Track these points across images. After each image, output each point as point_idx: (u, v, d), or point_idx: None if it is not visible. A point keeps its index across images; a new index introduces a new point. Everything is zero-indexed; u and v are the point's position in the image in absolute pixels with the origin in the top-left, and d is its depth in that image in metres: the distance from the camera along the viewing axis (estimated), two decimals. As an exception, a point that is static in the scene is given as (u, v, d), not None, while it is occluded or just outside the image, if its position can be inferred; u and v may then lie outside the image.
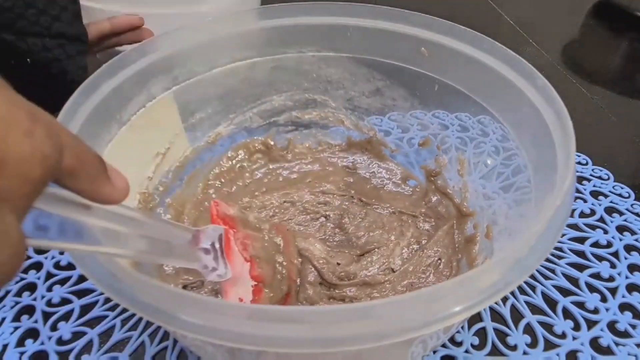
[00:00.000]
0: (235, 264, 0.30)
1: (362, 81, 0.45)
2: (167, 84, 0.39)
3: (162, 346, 0.33)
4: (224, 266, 0.29)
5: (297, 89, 0.46)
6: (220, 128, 0.45)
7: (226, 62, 0.42)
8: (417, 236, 0.40)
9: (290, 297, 0.34)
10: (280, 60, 0.44)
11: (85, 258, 0.23)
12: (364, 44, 0.42)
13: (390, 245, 0.39)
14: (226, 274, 0.29)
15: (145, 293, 0.21)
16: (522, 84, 0.33)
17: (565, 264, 0.39)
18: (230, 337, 0.20)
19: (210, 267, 0.28)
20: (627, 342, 0.34)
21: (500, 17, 0.78)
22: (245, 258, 0.31)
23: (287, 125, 0.48)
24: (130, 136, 0.36)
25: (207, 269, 0.28)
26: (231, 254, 0.30)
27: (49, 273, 0.38)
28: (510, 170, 0.35)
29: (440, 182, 0.43)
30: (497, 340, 0.34)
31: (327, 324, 0.20)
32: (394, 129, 0.46)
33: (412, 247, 0.40)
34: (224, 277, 0.29)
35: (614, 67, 0.69)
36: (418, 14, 0.39)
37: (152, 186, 0.39)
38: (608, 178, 0.47)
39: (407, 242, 0.40)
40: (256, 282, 0.31)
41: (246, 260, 0.31)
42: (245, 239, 0.32)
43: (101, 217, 0.21)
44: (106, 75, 0.34)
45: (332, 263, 0.37)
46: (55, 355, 0.33)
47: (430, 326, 0.20)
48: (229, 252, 0.30)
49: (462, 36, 0.37)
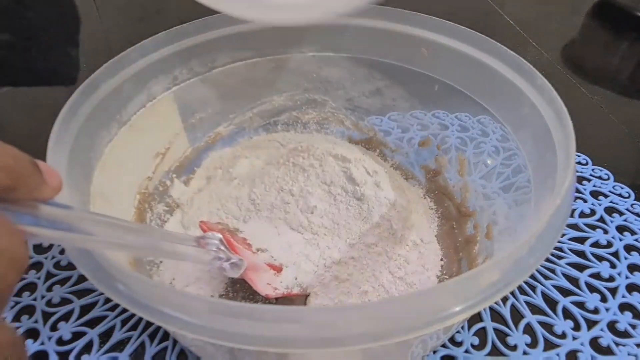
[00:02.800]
0: (245, 255, 0.31)
1: (362, 81, 0.45)
2: (167, 84, 0.39)
3: (162, 346, 0.33)
4: (236, 256, 0.30)
5: (297, 89, 0.46)
6: (220, 128, 0.45)
7: (226, 62, 0.42)
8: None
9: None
10: (280, 60, 0.44)
11: (85, 258, 0.23)
12: (364, 44, 0.42)
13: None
14: (242, 263, 0.30)
15: (145, 293, 0.21)
16: (522, 84, 0.33)
17: (565, 264, 0.39)
18: (230, 337, 0.20)
19: (225, 257, 0.29)
20: (627, 342, 0.34)
21: (500, 17, 0.78)
22: (252, 251, 0.32)
23: (287, 125, 0.48)
24: (130, 136, 0.36)
25: (222, 260, 0.29)
26: (238, 250, 0.31)
27: (49, 273, 0.38)
28: (510, 170, 0.35)
29: (440, 182, 0.43)
30: (497, 340, 0.34)
31: (327, 324, 0.20)
32: (394, 129, 0.46)
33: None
34: (241, 266, 0.30)
35: (614, 67, 0.69)
36: (418, 14, 0.39)
37: (152, 186, 0.40)
38: (608, 178, 0.47)
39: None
40: (274, 270, 0.33)
41: (254, 253, 0.32)
42: (243, 240, 0.32)
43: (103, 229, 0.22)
44: (106, 75, 0.34)
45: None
46: (55, 355, 0.33)
47: (430, 326, 0.20)
48: (235, 249, 0.31)
49: (462, 36, 0.37)
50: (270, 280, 0.32)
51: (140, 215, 0.37)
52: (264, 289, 0.32)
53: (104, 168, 0.32)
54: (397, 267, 0.36)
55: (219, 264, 0.29)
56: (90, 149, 0.32)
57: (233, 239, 0.32)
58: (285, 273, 0.34)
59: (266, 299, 0.32)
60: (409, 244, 0.37)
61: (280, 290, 0.33)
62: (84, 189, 0.30)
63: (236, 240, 0.32)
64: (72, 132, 0.30)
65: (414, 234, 0.38)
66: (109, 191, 0.32)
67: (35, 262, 0.39)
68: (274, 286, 0.33)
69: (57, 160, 0.28)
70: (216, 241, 0.29)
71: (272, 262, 0.34)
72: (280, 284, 0.33)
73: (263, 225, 0.38)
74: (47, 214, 0.20)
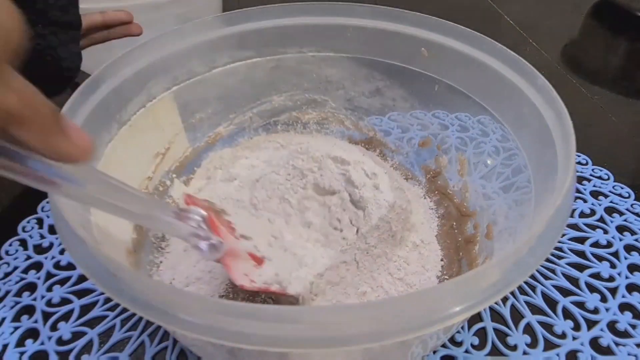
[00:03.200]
0: (226, 239, 0.29)
1: (362, 81, 0.45)
2: (167, 84, 0.39)
3: (162, 346, 0.33)
4: (217, 238, 0.28)
5: (297, 89, 0.46)
6: (220, 128, 0.45)
7: (226, 62, 0.42)
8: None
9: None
10: (280, 60, 0.44)
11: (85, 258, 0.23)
12: (364, 44, 0.42)
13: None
14: (221, 246, 0.28)
15: (145, 293, 0.21)
16: (522, 84, 0.33)
17: (565, 264, 0.39)
18: (230, 337, 0.20)
19: (204, 235, 0.27)
20: (627, 342, 0.34)
21: (500, 17, 0.78)
22: (235, 237, 0.30)
23: (287, 125, 0.48)
24: (130, 136, 0.36)
25: (199, 238, 0.27)
26: (219, 232, 0.29)
27: (49, 273, 0.38)
28: (510, 170, 0.35)
29: (440, 182, 0.43)
30: (497, 340, 0.34)
31: (327, 324, 0.20)
32: (394, 129, 0.46)
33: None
34: (220, 248, 0.27)
35: (614, 67, 0.69)
36: (418, 14, 0.39)
37: (152, 186, 0.40)
38: (608, 178, 0.47)
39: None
40: (255, 261, 0.30)
41: (236, 238, 0.30)
42: (227, 223, 0.31)
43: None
44: (106, 75, 0.34)
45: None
46: (55, 355, 0.33)
47: (430, 326, 0.20)
48: (216, 230, 0.29)
49: (462, 36, 0.37)
50: (248, 271, 0.30)
51: (140, 215, 0.37)
52: (239, 278, 0.29)
53: (104, 168, 0.32)
54: (397, 268, 0.36)
55: (195, 242, 0.27)
56: (90, 149, 0.32)
57: (217, 219, 0.29)
58: (266, 267, 0.31)
59: (265, 300, 0.32)
60: (409, 245, 0.37)
61: (257, 284, 0.30)
62: (84, 189, 0.30)
63: (220, 221, 0.30)
64: (72, 132, 0.30)
65: (414, 235, 0.38)
66: (109, 191, 0.32)
67: (35, 262, 0.39)
68: (251, 278, 0.30)
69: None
70: (198, 217, 0.27)
71: (254, 252, 0.31)
72: (259, 277, 0.30)
73: (254, 219, 0.37)
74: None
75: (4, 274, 0.38)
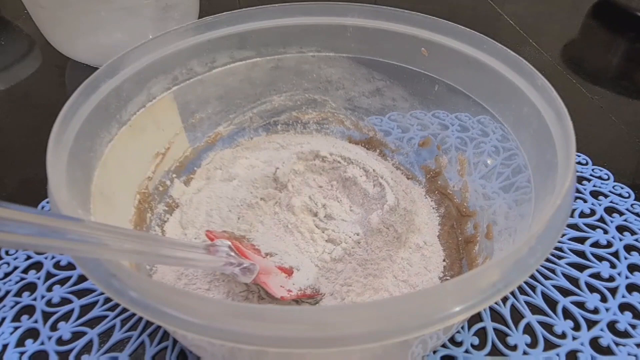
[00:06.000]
0: (256, 260, 0.31)
1: (362, 81, 0.45)
2: (167, 84, 0.39)
3: (162, 346, 0.33)
4: (247, 261, 0.30)
5: (297, 89, 0.46)
6: (220, 128, 0.45)
7: (226, 62, 0.42)
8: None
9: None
10: (280, 60, 0.44)
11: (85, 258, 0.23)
12: (364, 44, 0.42)
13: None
14: (254, 267, 0.30)
15: (145, 293, 0.21)
16: (522, 84, 0.33)
17: (565, 264, 0.39)
18: (230, 337, 0.20)
19: (236, 262, 0.29)
20: (627, 342, 0.34)
21: (500, 17, 0.78)
22: (262, 256, 0.32)
23: (287, 125, 0.48)
24: (130, 136, 0.36)
25: (233, 265, 0.29)
26: (248, 255, 0.31)
27: (49, 273, 0.38)
28: (510, 170, 0.35)
29: (440, 182, 0.43)
30: (497, 340, 0.34)
31: (327, 324, 0.20)
32: (394, 129, 0.46)
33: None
34: (254, 270, 0.30)
35: (614, 67, 0.69)
36: (418, 14, 0.39)
37: (152, 186, 0.39)
38: (608, 178, 0.47)
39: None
40: (285, 273, 0.33)
41: (264, 257, 0.32)
42: (251, 246, 0.33)
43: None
44: (106, 75, 0.34)
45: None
46: (55, 355, 0.33)
47: (430, 326, 0.20)
48: (244, 254, 0.31)
49: (462, 36, 0.37)
50: (283, 283, 0.33)
51: (140, 215, 0.37)
52: (278, 291, 0.32)
53: (104, 168, 0.32)
54: (401, 270, 0.36)
55: (230, 270, 0.29)
56: (90, 149, 0.32)
57: (241, 245, 0.32)
58: (297, 275, 0.34)
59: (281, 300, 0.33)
60: (412, 247, 0.37)
61: (294, 292, 0.33)
62: (84, 189, 0.30)
63: (245, 246, 0.32)
64: (72, 132, 0.30)
65: (418, 236, 0.38)
66: (109, 191, 0.32)
67: (35, 262, 0.39)
68: (287, 288, 0.33)
69: (57, 160, 0.27)
70: (225, 248, 0.29)
71: (283, 265, 0.34)
72: (293, 286, 0.33)
73: (267, 232, 0.38)
74: (57, 227, 0.19)
75: (4, 274, 0.38)
